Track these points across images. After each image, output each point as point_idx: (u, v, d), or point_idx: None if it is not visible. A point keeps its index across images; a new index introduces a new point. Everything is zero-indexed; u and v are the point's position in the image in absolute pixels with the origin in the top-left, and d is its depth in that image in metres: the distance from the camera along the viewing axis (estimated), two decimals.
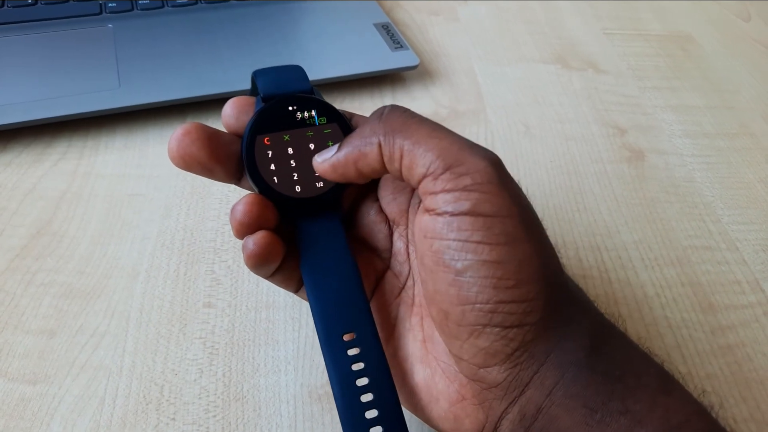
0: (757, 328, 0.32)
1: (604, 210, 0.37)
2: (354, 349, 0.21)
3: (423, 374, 0.22)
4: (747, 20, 0.58)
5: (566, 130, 0.43)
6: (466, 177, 0.19)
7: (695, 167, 0.41)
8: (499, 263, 0.19)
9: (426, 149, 0.20)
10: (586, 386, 0.19)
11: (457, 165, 0.19)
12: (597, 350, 0.20)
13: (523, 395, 0.20)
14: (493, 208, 0.19)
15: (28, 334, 0.28)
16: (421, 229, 0.20)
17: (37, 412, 0.26)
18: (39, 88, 0.37)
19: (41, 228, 0.33)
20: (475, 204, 0.19)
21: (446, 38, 0.51)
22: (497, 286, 0.19)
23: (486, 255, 0.19)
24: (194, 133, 0.22)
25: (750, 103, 0.47)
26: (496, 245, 0.19)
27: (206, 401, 0.27)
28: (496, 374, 0.20)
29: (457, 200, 0.19)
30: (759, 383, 0.29)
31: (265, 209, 0.22)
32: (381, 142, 0.20)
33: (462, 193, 0.19)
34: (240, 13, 0.46)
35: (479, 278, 0.19)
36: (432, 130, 0.20)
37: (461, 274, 0.19)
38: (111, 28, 0.43)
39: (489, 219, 0.19)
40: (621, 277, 0.34)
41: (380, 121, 0.21)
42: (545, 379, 0.19)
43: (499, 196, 0.19)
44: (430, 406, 0.22)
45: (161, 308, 0.30)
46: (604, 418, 0.19)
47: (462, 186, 0.19)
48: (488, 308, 0.19)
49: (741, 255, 0.35)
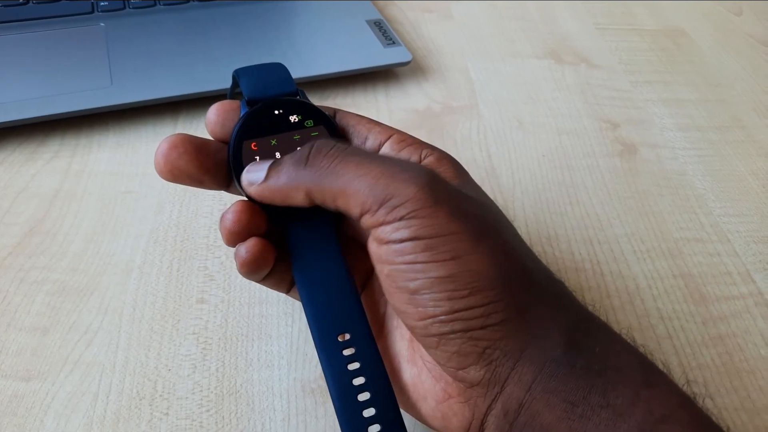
0: (748, 318, 0.32)
1: (597, 203, 0.37)
2: (349, 349, 0.21)
3: (410, 373, 0.22)
4: (739, 14, 0.58)
5: (559, 124, 0.43)
6: (400, 208, 0.19)
7: (687, 160, 0.41)
8: (450, 277, 0.19)
9: (355, 190, 0.20)
10: (565, 381, 0.19)
11: (389, 198, 0.19)
12: (576, 344, 0.20)
13: (503, 391, 0.20)
14: (433, 230, 0.19)
15: (21, 331, 0.28)
16: (372, 254, 0.21)
17: (31, 409, 0.26)
18: (31, 87, 0.37)
19: (34, 226, 0.33)
20: (415, 231, 0.19)
21: (439, 35, 0.51)
22: (452, 297, 0.19)
23: (435, 272, 0.19)
24: (181, 147, 0.21)
25: (742, 97, 0.47)
26: (443, 262, 0.19)
27: (200, 396, 0.27)
28: (474, 373, 0.20)
29: (397, 230, 0.19)
30: (749, 373, 0.29)
31: (255, 216, 0.22)
32: (309, 191, 0.21)
33: (400, 223, 0.19)
34: (232, 11, 0.46)
35: (433, 293, 0.19)
36: (358, 165, 0.20)
37: (416, 293, 0.19)
38: (103, 26, 0.43)
39: (432, 240, 0.19)
40: (613, 270, 0.34)
41: (305, 166, 0.21)
42: (522, 375, 0.19)
43: (436, 217, 0.19)
44: (419, 404, 0.22)
45: (154, 304, 0.30)
46: (586, 412, 0.19)
47: (398, 217, 0.19)
48: (448, 318, 0.19)
49: (732, 246, 0.36)
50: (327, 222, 0.23)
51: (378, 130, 0.24)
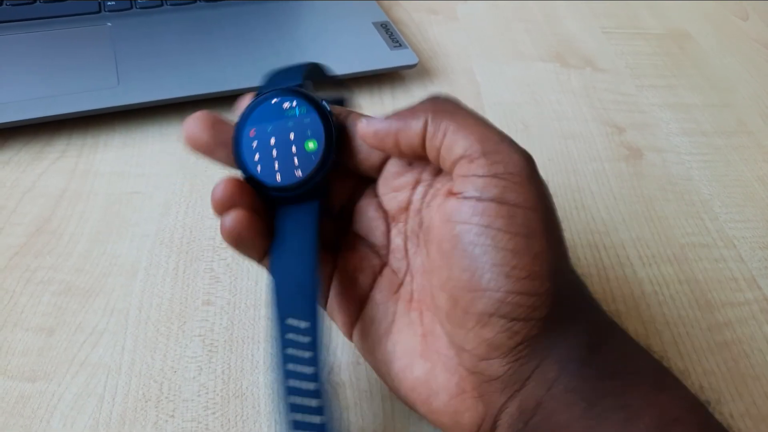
0: (753, 324, 0.32)
1: (602, 208, 0.37)
2: (292, 334, 0.22)
3: (423, 368, 0.22)
4: (745, 19, 0.58)
5: (564, 128, 0.43)
6: (500, 165, 0.20)
7: (693, 165, 0.41)
8: (515, 253, 0.19)
9: (468, 133, 0.21)
10: (584, 381, 0.19)
11: (494, 153, 0.20)
12: (597, 347, 0.20)
13: (523, 389, 0.20)
14: (518, 198, 0.20)
15: (28, 332, 0.28)
16: (445, 213, 0.21)
17: (37, 410, 0.26)
18: (38, 87, 0.37)
19: (40, 226, 0.33)
20: (502, 191, 0.20)
21: (445, 37, 0.51)
22: (510, 275, 0.19)
23: (504, 243, 0.19)
24: (204, 120, 0.24)
25: (747, 101, 0.47)
26: (515, 235, 0.19)
27: (205, 398, 0.27)
28: (498, 367, 0.20)
29: (486, 186, 0.20)
30: (755, 379, 0.29)
31: (242, 189, 0.23)
32: (428, 120, 0.21)
33: (492, 179, 0.20)
34: (239, 12, 0.46)
35: (494, 265, 0.19)
36: (477, 119, 0.21)
37: (477, 259, 0.19)
38: (110, 26, 0.43)
39: (513, 208, 0.19)
40: (619, 275, 0.34)
41: (432, 102, 0.22)
42: (546, 374, 0.20)
43: (526, 187, 0.20)
44: (430, 400, 0.22)
45: (160, 306, 0.30)
46: (602, 412, 0.19)
47: (493, 172, 0.20)
48: (498, 296, 0.19)
49: (738, 252, 0.36)
50: (313, 209, 0.24)
51: None
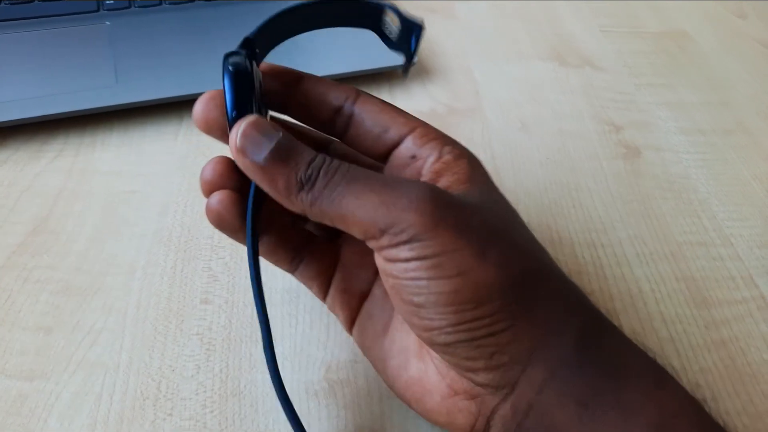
0: (750, 323, 0.32)
1: (600, 206, 0.37)
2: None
3: (417, 368, 0.23)
4: (743, 18, 0.58)
5: (562, 126, 0.43)
6: (402, 234, 0.19)
7: (690, 164, 0.41)
8: (455, 292, 0.19)
9: (357, 219, 0.20)
10: (576, 382, 0.19)
11: (390, 226, 0.19)
12: (588, 346, 0.20)
13: (514, 392, 0.20)
14: (437, 249, 0.19)
15: (25, 331, 0.28)
16: (378, 267, 0.21)
17: (35, 409, 0.26)
18: (36, 86, 0.37)
19: (38, 225, 0.33)
20: (419, 251, 0.19)
21: (443, 36, 0.51)
22: (457, 311, 0.19)
23: (440, 288, 0.19)
24: (219, 99, 0.23)
25: (746, 100, 0.47)
26: (449, 278, 0.19)
27: (203, 397, 0.27)
28: (483, 376, 0.20)
29: (401, 252, 0.19)
30: (752, 377, 0.29)
31: (230, 169, 0.23)
32: (306, 211, 0.20)
33: (404, 246, 0.19)
34: (237, 11, 0.46)
35: (438, 308, 0.19)
36: (358, 194, 0.20)
37: (420, 306, 0.20)
38: (108, 25, 0.43)
39: (436, 259, 0.19)
40: (616, 273, 0.34)
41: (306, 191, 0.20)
42: (533, 377, 0.20)
43: (439, 238, 0.19)
44: (424, 399, 0.22)
45: (158, 305, 0.30)
46: (596, 412, 0.19)
47: (402, 241, 0.19)
48: (453, 330, 0.19)
49: (735, 251, 0.36)
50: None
51: (401, 121, 0.24)
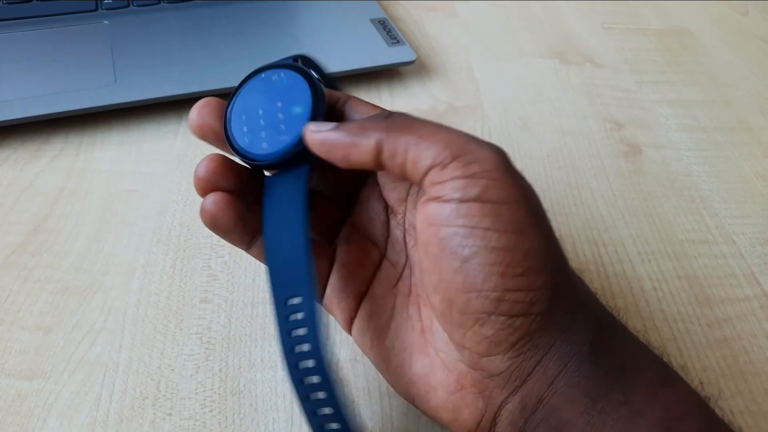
0: (753, 321, 0.32)
1: (601, 204, 0.37)
2: (297, 314, 0.21)
3: (421, 364, 0.22)
4: (745, 14, 0.57)
5: (564, 125, 0.43)
6: (474, 165, 0.19)
7: (692, 161, 0.41)
8: (507, 250, 0.19)
9: (431, 142, 0.20)
10: (587, 377, 0.19)
11: (465, 154, 0.19)
12: (599, 343, 0.20)
13: (524, 385, 0.20)
14: (501, 194, 0.19)
15: (25, 331, 0.28)
16: (426, 217, 0.20)
17: (34, 408, 0.26)
18: (35, 85, 0.37)
19: (38, 225, 0.33)
20: (483, 190, 0.19)
21: (444, 34, 0.50)
22: (504, 273, 0.19)
23: (494, 242, 0.19)
24: (214, 105, 0.23)
25: (747, 98, 0.47)
26: (504, 232, 0.19)
27: (203, 396, 0.27)
28: (499, 363, 0.20)
29: (466, 187, 0.19)
30: (755, 375, 0.29)
31: (224, 167, 0.23)
32: (382, 139, 0.20)
33: (471, 180, 0.19)
34: (236, 9, 0.46)
35: (486, 265, 0.19)
36: (437, 126, 0.21)
37: (468, 260, 0.19)
38: (107, 24, 0.43)
39: (497, 206, 0.19)
40: (618, 271, 0.34)
41: (384, 120, 0.21)
42: (548, 370, 0.19)
43: (507, 183, 0.19)
44: (429, 396, 0.22)
45: (158, 304, 0.30)
46: (605, 408, 0.19)
47: (470, 173, 0.19)
48: (494, 296, 0.19)
49: (738, 249, 0.35)
50: (300, 180, 0.22)
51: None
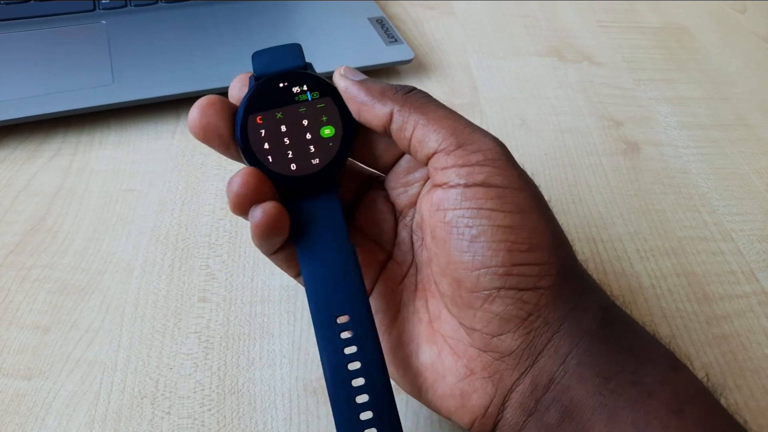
0: (751, 317, 0.32)
1: (600, 202, 0.37)
2: (347, 332, 0.21)
3: (429, 353, 0.22)
4: (742, 12, 0.57)
5: (562, 122, 0.43)
6: (478, 153, 0.20)
7: (690, 158, 0.41)
8: (513, 228, 0.20)
9: (439, 127, 0.21)
10: (598, 356, 0.19)
11: (469, 143, 0.21)
12: (608, 324, 0.20)
13: (536, 364, 0.20)
14: (504, 180, 0.20)
15: (23, 330, 0.28)
16: (432, 203, 0.21)
17: (32, 408, 0.26)
18: (33, 85, 0.37)
19: (36, 224, 0.33)
20: (487, 176, 0.20)
21: (441, 32, 0.50)
22: (511, 249, 0.20)
23: (500, 221, 0.20)
24: (219, 104, 0.22)
25: (745, 95, 0.47)
26: (509, 212, 0.20)
27: (201, 395, 0.27)
28: (510, 341, 0.20)
29: (470, 173, 0.20)
30: (753, 372, 0.29)
31: (263, 182, 0.21)
32: (394, 112, 0.22)
33: (475, 167, 0.20)
34: (233, 9, 0.46)
35: (493, 242, 0.20)
36: (447, 112, 0.22)
37: (475, 239, 0.20)
38: (104, 24, 0.43)
39: (501, 190, 0.20)
40: (616, 269, 0.34)
41: (403, 93, 0.22)
42: (559, 348, 0.20)
43: (509, 170, 0.20)
44: (436, 384, 0.22)
45: (156, 303, 0.30)
46: (617, 388, 0.19)
47: (474, 161, 0.20)
48: (503, 271, 0.20)
49: (736, 245, 0.35)
50: (334, 199, 0.23)
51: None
